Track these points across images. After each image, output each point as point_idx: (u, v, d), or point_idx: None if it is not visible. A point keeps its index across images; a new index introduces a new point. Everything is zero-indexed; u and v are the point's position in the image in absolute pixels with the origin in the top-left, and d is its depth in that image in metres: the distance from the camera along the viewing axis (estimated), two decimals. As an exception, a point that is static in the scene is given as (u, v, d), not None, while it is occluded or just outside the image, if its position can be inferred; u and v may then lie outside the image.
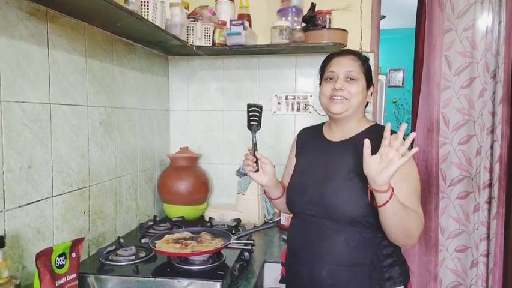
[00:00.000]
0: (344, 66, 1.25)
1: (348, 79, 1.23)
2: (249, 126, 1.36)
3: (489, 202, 2.10)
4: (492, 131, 2.08)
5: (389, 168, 1.00)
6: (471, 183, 2.11)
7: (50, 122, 1.26)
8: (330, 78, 1.26)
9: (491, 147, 2.08)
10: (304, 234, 1.24)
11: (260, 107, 1.37)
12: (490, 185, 2.10)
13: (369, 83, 1.28)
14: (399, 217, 1.07)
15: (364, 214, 1.14)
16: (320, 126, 1.41)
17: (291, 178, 1.36)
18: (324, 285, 1.18)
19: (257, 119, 1.35)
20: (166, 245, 1.37)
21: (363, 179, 1.10)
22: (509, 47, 2.02)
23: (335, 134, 1.31)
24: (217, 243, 1.40)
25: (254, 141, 1.32)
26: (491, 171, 2.09)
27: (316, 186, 1.23)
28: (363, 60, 1.28)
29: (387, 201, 1.03)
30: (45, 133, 1.24)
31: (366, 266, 1.16)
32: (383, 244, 1.18)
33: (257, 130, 1.36)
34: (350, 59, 1.26)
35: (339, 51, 1.33)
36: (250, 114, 1.35)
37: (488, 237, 2.11)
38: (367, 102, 1.31)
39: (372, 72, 1.33)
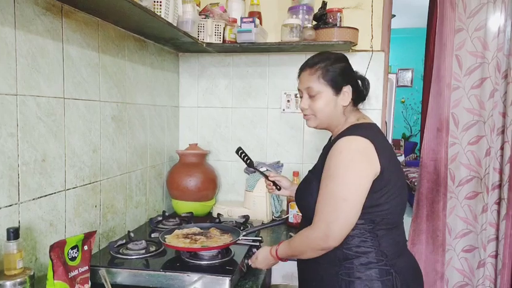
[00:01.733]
0: (303, 83, 1.25)
1: (310, 96, 1.24)
2: (250, 165, 1.59)
3: (498, 203, 2.09)
4: (503, 132, 2.06)
5: None
6: (480, 184, 2.10)
7: (63, 116, 1.27)
8: (300, 97, 1.30)
9: (502, 148, 2.07)
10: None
11: (240, 148, 1.59)
12: (500, 186, 2.08)
13: (339, 87, 1.21)
14: (299, 255, 1.23)
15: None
16: None
17: None
18: (304, 275, 1.30)
19: (248, 157, 1.56)
20: (176, 240, 1.38)
21: (318, 179, 1.18)
22: (522, 47, 2.00)
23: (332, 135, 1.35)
24: (226, 239, 1.41)
25: (262, 171, 1.55)
26: (501, 172, 2.08)
27: (298, 190, 1.34)
28: (325, 67, 1.21)
29: (281, 259, 1.29)
30: (59, 127, 1.25)
31: (333, 262, 1.16)
32: (353, 243, 1.15)
33: (254, 165, 1.60)
34: (307, 74, 1.24)
35: (304, 62, 1.28)
36: (241, 157, 1.57)
37: (497, 238, 2.10)
38: (351, 102, 1.25)
39: (383, 71, 1.32)
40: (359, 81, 1.28)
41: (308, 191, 1.22)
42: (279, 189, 1.56)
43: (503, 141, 2.06)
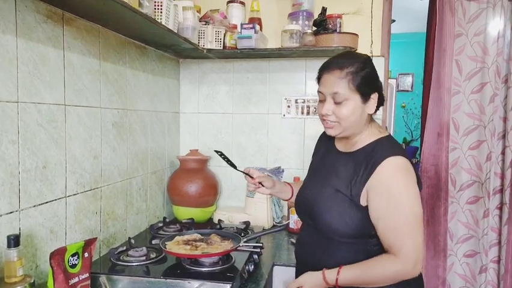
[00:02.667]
0: (330, 87, 1.13)
1: (336, 102, 1.14)
2: (233, 166, 1.52)
3: (500, 208, 2.09)
4: (504, 136, 2.06)
5: None
6: (481, 189, 2.10)
7: (64, 123, 1.28)
8: (320, 100, 1.19)
9: (503, 153, 2.07)
10: (304, 242, 1.28)
11: (219, 151, 1.55)
12: (502, 191, 2.08)
13: (367, 94, 1.14)
14: (363, 284, 1.11)
15: (349, 231, 1.14)
16: None
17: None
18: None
19: (229, 159, 1.52)
20: (177, 247, 1.38)
21: (350, 200, 1.13)
22: (521, 52, 2.00)
23: (342, 144, 1.28)
24: (227, 245, 1.41)
25: (242, 171, 1.47)
26: (502, 177, 2.07)
27: (310, 198, 1.26)
28: (355, 72, 1.12)
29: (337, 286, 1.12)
30: (59, 134, 1.26)
31: None
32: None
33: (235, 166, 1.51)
34: (336, 77, 1.12)
35: (328, 62, 1.17)
36: (223, 158, 1.53)
37: (499, 243, 2.09)
38: (375, 111, 1.20)
39: (383, 76, 1.30)
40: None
41: (338, 210, 1.15)
42: (259, 187, 1.44)
43: (504, 146, 2.06)
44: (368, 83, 1.14)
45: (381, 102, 1.21)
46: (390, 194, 1.08)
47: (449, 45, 2.09)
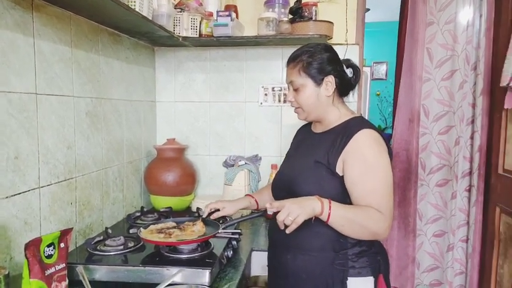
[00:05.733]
0: (288, 77, 1.28)
1: (294, 89, 1.26)
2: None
3: (469, 190, 2.18)
4: (472, 122, 2.15)
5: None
6: (450, 172, 2.19)
7: (36, 112, 1.25)
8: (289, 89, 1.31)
9: (472, 138, 2.15)
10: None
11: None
12: (470, 173, 2.17)
13: (319, 78, 1.23)
14: (349, 227, 1.13)
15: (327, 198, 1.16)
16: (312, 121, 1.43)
17: None
18: (288, 268, 1.24)
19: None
20: (150, 235, 1.36)
21: (327, 168, 1.18)
22: (490, 40, 2.08)
23: (318, 127, 1.35)
24: (199, 229, 1.41)
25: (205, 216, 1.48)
26: (471, 160, 2.16)
27: (288, 174, 1.31)
28: (305, 60, 1.23)
29: (327, 220, 1.11)
30: (31, 124, 1.23)
31: (328, 253, 1.18)
32: None
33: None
34: (290, 68, 1.27)
35: (288, 58, 1.30)
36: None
37: (467, 223, 2.19)
38: (335, 90, 1.25)
39: (358, 64, 1.35)
40: (348, 70, 1.29)
41: (317, 179, 1.20)
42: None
43: (473, 131, 2.14)
44: (318, 68, 1.23)
45: (347, 85, 1.29)
46: (366, 160, 1.15)
47: (420, 33, 2.14)
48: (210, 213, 1.47)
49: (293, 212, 1.06)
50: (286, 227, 1.07)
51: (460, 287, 2.27)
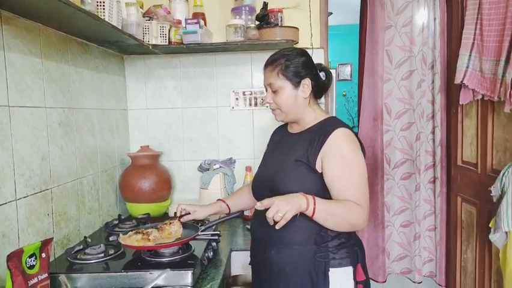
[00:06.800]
0: (266, 79, 1.34)
1: (273, 91, 1.32)
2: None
3: (433, 181, 2.32)
4: (432, 117, 2.29)
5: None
6: (412, 166, 2.32)
7: (10, 124, 1.24)
8: (267, 92, 1.37)
9: (433, 132, 2.29)
10: (260, 218, 1.31)
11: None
12: (434, 166, 2.31)
13: (296, 80, 1.30)
14: (331, 220, 1.19)
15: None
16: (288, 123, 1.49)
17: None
18: (272, 263, 1.29)
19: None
20: (129, 239, 1.37)
21: (308, 166, 1.25)
22: (444, 41, 2.23)
23: (294, 127, 1.42)
24: (177, 229, 1.43)
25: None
26: (434, 154, 2.30)
27: (269, 173, 1.36)
28: (283, 63, 1.29)
29: (312, 215, 1.16)
30: (5, 136, 1.22)
31: (310, 246, 1.24)
32: None
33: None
34: (269, 71, 1.33)
35: (267, 60, 1.36)
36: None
37: (434, 213, 2.33)
38: (311, 93, 1.32)
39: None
40: (321, 73, 1.37)
41: (298, 177, 1.26)
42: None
43: (434, 126, 2.28)
44: (296, 71, 1.30)
45: (321, 88, 1.37)
46: (344, 157, 1.23)
47: (380, 36, 2.26)
48: (181, 216, 1.49)
49: (282, 209, 1.10)
50: (275, 223, 1.12)
51: (429, 273, 2.40)
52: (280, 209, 1.10)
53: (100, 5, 1.46)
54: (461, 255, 2.14)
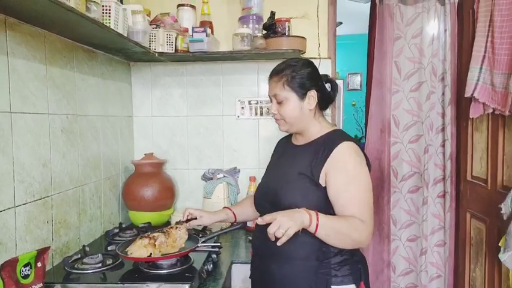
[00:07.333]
0: (271, 90, 1.31)
1: (278, 102, 1.29)
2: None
3: (443, 196, 2.26)
4: (443, 130, 2.24)
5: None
6: (420, 179, 2.27)
7: (11, 131, 1.24)
8: (271, 102, 1.34)
9: (443, 146, 2.24)
10: (262, 231, 1.26)
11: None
12: (443, 180, 2.25)
13: (302, 92, 1.27)
14: (334, 237, 1.16)
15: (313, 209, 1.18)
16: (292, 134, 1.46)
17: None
18: (272, 278, 1.26)
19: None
20: (136, 246, 1.32)
21: (311, 180, 1.22)
22: (455, 53, 2.19)
23: (299, 139, 1.39)
24: (182, 235, 1.40)
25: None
26: (444, 168, 2.25)
27: (271, 186, 1.33)
28: (289, 75, 1.27)
29: (315, 232, 1.13)
30: (6, 142, 1.22)
31: (312, 261, 1.21)
32: None
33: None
34: (274, 82, 1.29)
35: (272, 70, 1.33)
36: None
37: (444, 228, 2.27)
38: (317, 104, 1.30)
39: (331, 76, 1.40)
40: (327, 85, 1.34)
41: (301, 190, 1.23)
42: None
43: (444, 139, 2.23)
44: (302, 83, 1.27)
45: (327, 99, 1.34)
46: (348, 171, 1.20)
47: (388, 47, 2.23)
48: (187, 220, 1.47)
49: (284, 225, 1.07)
50: (276, 239, 1.09)
51: (436, 289, 2.34)
52: (282, 225, 1.07)
53: (106, 13, 1.46)
54: (470, 273, 2.07)
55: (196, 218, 1.47)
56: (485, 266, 1.89)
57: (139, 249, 1.31)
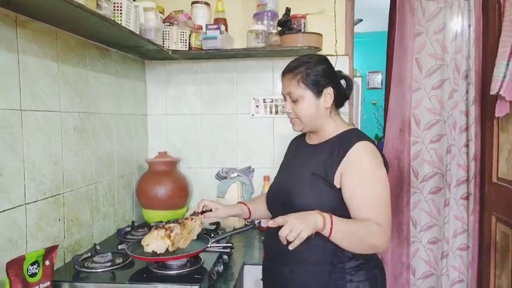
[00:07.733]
0: (285, 88, 1.26)
1: (293, 100, 1.24)
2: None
3: (466, 198, 2.17)
4: (466, 129, 2.14)
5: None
6: (442, 180, 2.18)
7: (21, 128, 1.24)
8: (285, 100, 1.29)
9: (466, 146, 2.15)
10: (274, 234, 1.22)
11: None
12: (467, 181, 2.16)
13: (318, 90, 1.22)
14: (349, 241, 1.11)
15: (326, 211, 1.12)
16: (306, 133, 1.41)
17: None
18: (284, 281, 1.22)
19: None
20: (152, 238, 1.27)
21: (325, 180, 1.17)
22: (479, 50, 2.09)
23: (313, 138, 1.34)
24: (197, 227, 1.36)
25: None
26: (467, 169, 2.15)
27: (284, 186, 1.29)
28: (304, 72, 1.22)
29: (329, 235, 1.08)
30: (16, 140, 1.22)
31: (325, 266, 1.16)
32: None
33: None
34: (288, 79, 1.24)
35: (285, 68, 1.28)
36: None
37: (467, 231, 2.17)
38: (333, 102, 1.25)
39: (348, 75, 1.34)
40: (342, 81, 1.29)
41: (314, 192, 1.19)
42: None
43: (467, 139, 2.14)
44: (317, 80, 1.22)
45: (343, 96, 1.29)
46: (365, 172, 1.15)
47: (409, 43, 2.15)
48: (203, 212, 1.41)
49: (296, 228, 1.02)
50: (288, 242, 1.04)
51: (458, 295, 2.24)
52: (294, 229, 1.02)
53: (117, 10, 1.45)
54: (495, 280, 1.97)
55: (211, 210, 1.42)
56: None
57: (156, 241, 1.27)
